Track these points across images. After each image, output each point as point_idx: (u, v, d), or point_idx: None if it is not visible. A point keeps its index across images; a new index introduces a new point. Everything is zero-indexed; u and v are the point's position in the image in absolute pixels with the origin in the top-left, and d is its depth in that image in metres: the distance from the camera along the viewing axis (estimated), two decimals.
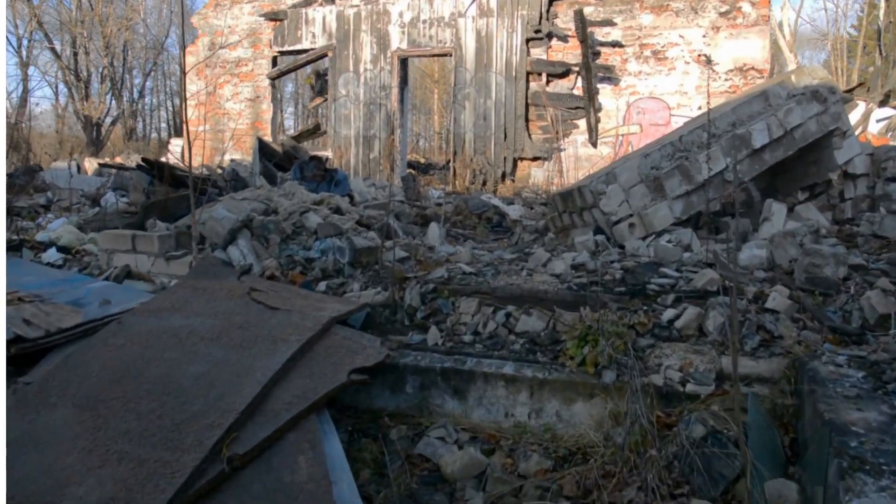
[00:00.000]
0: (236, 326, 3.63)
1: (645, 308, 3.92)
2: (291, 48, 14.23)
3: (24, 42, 31.23)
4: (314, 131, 9.48)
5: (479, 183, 12.55)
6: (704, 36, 11.56)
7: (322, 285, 4.61)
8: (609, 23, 11.77)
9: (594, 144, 12.16)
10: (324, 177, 7.23)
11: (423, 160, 17.63)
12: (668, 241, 4.90)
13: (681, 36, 11.68)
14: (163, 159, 16.14)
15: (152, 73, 35.79)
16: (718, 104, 7.91)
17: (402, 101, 13.41)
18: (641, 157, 5.26)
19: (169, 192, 6.55)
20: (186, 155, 4.59)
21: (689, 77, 11.70)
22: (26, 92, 31.60)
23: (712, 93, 11.64)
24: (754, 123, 5.49)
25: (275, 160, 9.86)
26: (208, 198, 7.07)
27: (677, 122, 11.79)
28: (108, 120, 31.36)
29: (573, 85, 12.29)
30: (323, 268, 4.78)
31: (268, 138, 14.68)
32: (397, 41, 13.17)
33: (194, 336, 3.44)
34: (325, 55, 13.92)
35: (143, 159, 7.25)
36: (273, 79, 14.60)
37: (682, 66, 11.72)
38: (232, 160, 10.58)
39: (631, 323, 3.86)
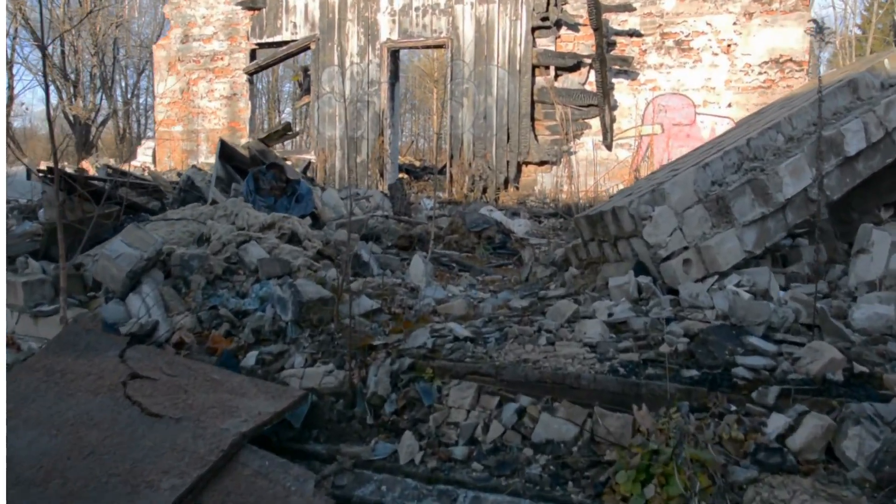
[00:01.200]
0: (83, 453, 2.24)
1: (735, 409, 2.55)
2: (270, 40, 12.84)
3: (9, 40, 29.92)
4: (284, 132, 8.11)
5: (478, 190, 11.16)
6: (735, 23, 10.16)
7: (252, 356, 3.22)
8: (627, 8, 10.37)
9: (609, 147, 10.77)
10: (283, 190, 5.84)
11: (418, 163, 16.23)
12: (739, 285, 3.51)
13: (708, 23, 10.28)
14: (126, 167, 14.77)
15: (146, 72, 34.48)
16: (779, 99, 6.52)
17: (392, 97, 12.02)
18: (698, 168, 3.85)
19: (85, 210, 5.17)
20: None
21: (718, 70, 10.30)
22: (12, 91, 30.34)
23: (743, 88, 10.26)
24: (846, 122, 4.10)
25: (244, 166, 8.46)
26: (139, 218, 5.68)
27: (704, 122, 10.41)
28: (100, 120, 30.12)
29: (585, 79, 10.89)
30: (257, 327, 3.39)
31: (246, 141, 13.29)
32: (387, 31, 11.78)
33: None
34: (307, 47, 12.53)
35: (48, 168, 5.86)
36: (250, 74, 13.21)
37: (709, 58, 10.32)
38: (193, 166, 9.19)
39: (718, 438, 2.48)
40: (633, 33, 10.62)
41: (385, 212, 8.57)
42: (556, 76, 10.96)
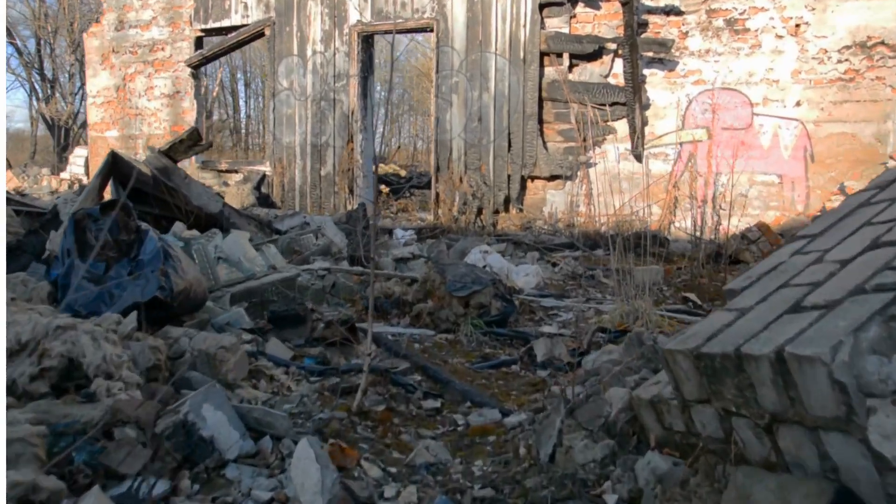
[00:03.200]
0: None
1: None
2: (217, 25, 10.46)
3: None
4: (193, 143, 5.75)
5: (470, 212, 8.74)
6: None
7: None
8: None
9: (639, 157, 8.35)
10: (127, 249, 3.42)
11: (403, 171, 13.79)
12: None
13: None
14: (53, 180, 12.40)
15: None
16: None
17: (364, 94, 9.62)
18: None
19: None
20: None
21: (783, 58, 7.88)
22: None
23: (816, 81, 7.83)
24: None
25: (149, 190, 6.06)
26: None
27: (764, 126, 7.98)
28: (80, 122, 27.99)
29: (608, 71, 8.48)
30: None
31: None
32: (357, 12, 9.39)
33: None
34: (260, 34, 10.14)
35: None
36: (193, 67, 10.82)
37: (770, 42, 7.90)
38: (82, 186, 6.80)
39: None
40: (670, 10, 8.21)
41: (338, 251, 6.16)
42: (572, 66, 8.55)
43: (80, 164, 12.57)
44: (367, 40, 9.59)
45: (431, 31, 9.04)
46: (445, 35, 8.90)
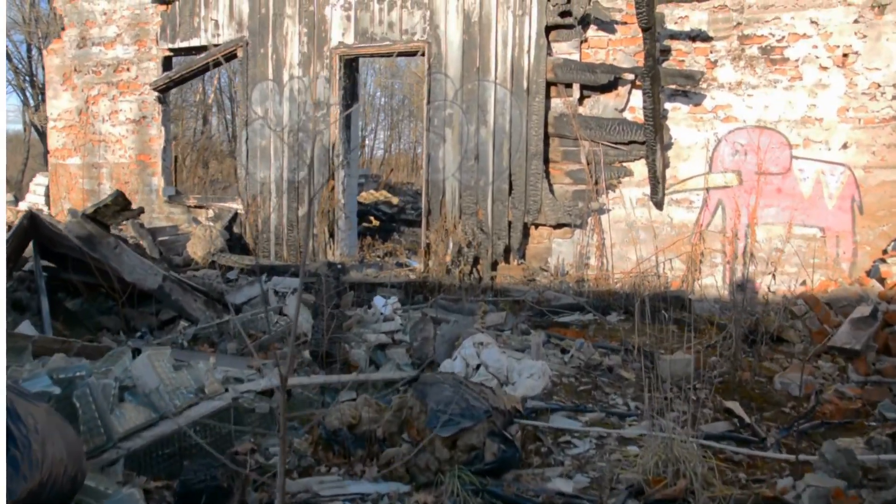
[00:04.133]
0: None
1: None
2: (186, 44, 9.39)
3: None
4: (121, 208, 4.70)
5: (465, 263, 7.65)
6: (857, 20, 6.67)
7: None
8: None
9: (659, 204, 7.25)
10: None
11: (395, 199, 12.72)
12: None
13: (813, 21, 6.79)
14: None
15: None
16: None
17: (347, 126, 8.54)
18: None
19: None
20: None
21: (828, 93, 6.79)
22: None
23: (867, 121, 6.74)
24: None
25: (76, 255, 4.98)
26: None
27: (805, 172, 6.90)
28: None
29: (624, 104, 7.40)
30: None
31: (156, 186, 9.88)
32: (339, 32, 8.31)
33: None
34: (232, 55, 9.07)
35: None
36: (159, 91, 9.75)
37: (813, 74, 6.82)
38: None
39: None
40: (697, 35, 7.13)
41: (303, 334, 5.08)
42: (582, 98, 7.47)
43: (40, 194, 11.50)
44: (351, 64, 8.51)
45: (422, 55, 7.97)
46: (438, 61, 7.81)
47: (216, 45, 9.03)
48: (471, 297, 7.06)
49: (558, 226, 7.60)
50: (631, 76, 7.21)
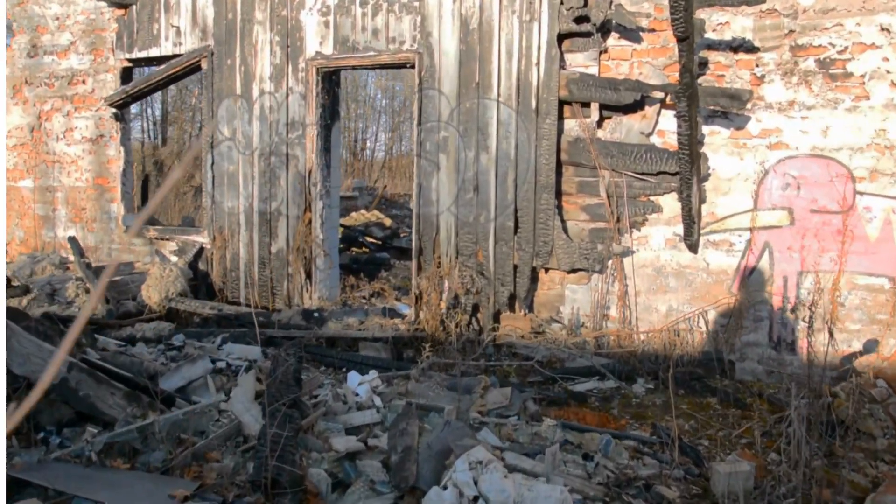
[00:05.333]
0: None
1: None
2: (145, 54, 8.23)
3: None
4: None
5: (463, 311, 6.48)
6: None
7: None
8: (731, 1, 5.67)
9: (693, 247, 6.06)
10: None
11: (388, 221, 11.53)
12: None
13: (885, 28, 5.59)
14: None
15: None
16: None
17: (325, 149, 7.37)
18: None
19: None
20: None
21: None
22: None
23: None
24: None
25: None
26: None
27: (872, 210, 5.71)
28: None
29: (652, 127, 6.21)
30: None
31: (115, 213, 8.76)
32: (316, 41, 7.14)
33: None
34: (196, 67, 7.92)
35: None
36: (115, 107, 8.59)
37: (883, 93, 5.63)
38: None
39: None
40: (740, 45, 5.94)
41: (250, 434, 3.91)
42: (602, 120, 6.29)
43: None
44: (330, 78, 7.34)
45: (412, 67, 6.80)
46: (431, 74, 6.64)
47: (178, 56, 7.87)
48: (469, 359, 5.90)
49: (573, 270, 6.42)
50: (661, 95, 6.03)
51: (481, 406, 4.87)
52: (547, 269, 6.55)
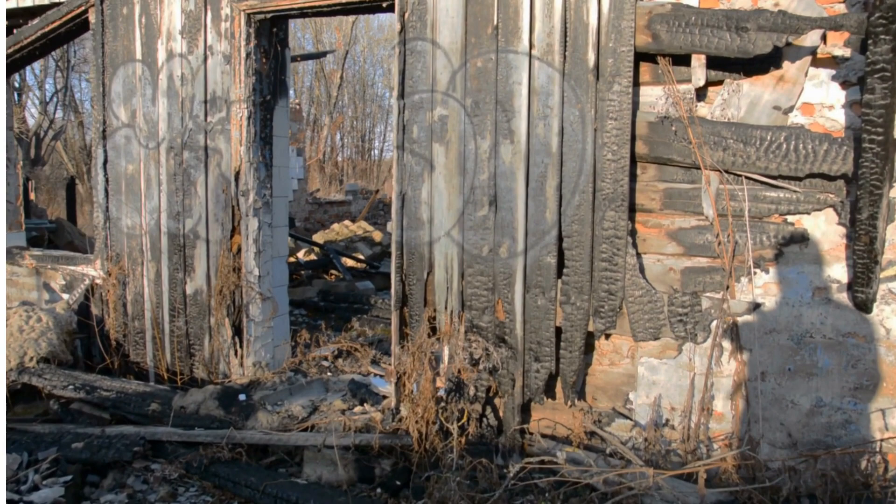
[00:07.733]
0: None
1: None
2: (15, 5, 5.78)
3: None
4: None
5: (468, 400, 3.96)
6: None
7: None
8: None
9: (865, 303, 3.51)
10: None
11: (378, 235, 9.01)
12: None
13: None
14: None
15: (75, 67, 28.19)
16: None
17: (264, 139, 4.87)
18: None
19: None
20: None
21: None
22: None
23: None
24: None
25: None
26: None
27: None
28: (52, 133, 24.02)
29: (795, 98, 3.66)
30: None
31: None
32: None
33: None
34: (82, 24, 5.44)
35: None
36: None
37: None
38: None
39: None
40: None
41: None
42: (707, 87, 3.74)
43: None
44: (270, 30, 4.83)
45: (390, 8, 4.28)
46: (420, 17, 4.11)
47: (57, 4, 5.40)
48: (479, 493, 3.39)
49: (654, 337, 3.88)
50: (816, 39, 3.47)
51: None
52: (608, 336, 4.01)
